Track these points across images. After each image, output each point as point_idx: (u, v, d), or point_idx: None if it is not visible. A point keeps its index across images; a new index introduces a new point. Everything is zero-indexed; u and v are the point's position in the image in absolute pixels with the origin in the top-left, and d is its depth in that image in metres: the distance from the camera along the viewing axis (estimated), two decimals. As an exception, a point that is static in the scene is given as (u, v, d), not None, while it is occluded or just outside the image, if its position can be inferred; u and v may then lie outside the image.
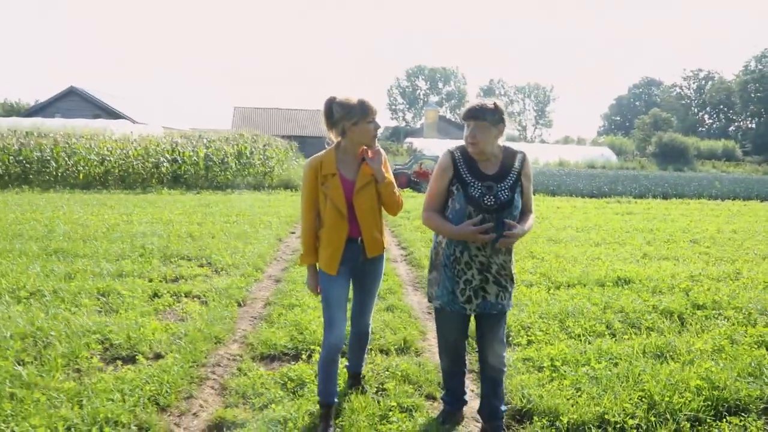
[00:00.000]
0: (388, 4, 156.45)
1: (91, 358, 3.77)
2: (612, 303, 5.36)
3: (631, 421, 3.12)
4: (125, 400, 3.15)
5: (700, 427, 3.15)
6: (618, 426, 3.09)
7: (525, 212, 2.99)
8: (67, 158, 18.20)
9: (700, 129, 78.70)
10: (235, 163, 19.28)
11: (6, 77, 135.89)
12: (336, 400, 3.08)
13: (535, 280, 6.32)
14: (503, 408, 3.14)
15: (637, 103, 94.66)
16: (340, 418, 3.10)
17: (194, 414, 3.25)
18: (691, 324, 4.96)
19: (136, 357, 3.84)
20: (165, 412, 3.20)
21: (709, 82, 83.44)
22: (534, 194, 10.10)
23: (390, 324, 4.61)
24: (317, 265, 3.12)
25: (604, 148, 55.50)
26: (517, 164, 2.93)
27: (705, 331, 4.80)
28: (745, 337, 4.58)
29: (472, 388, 3.62)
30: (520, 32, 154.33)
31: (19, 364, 3.56)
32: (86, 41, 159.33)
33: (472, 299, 2.90)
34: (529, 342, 4.35)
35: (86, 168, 18.11)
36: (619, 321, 4.89)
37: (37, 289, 5.27)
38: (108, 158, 18.40)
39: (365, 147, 3.00)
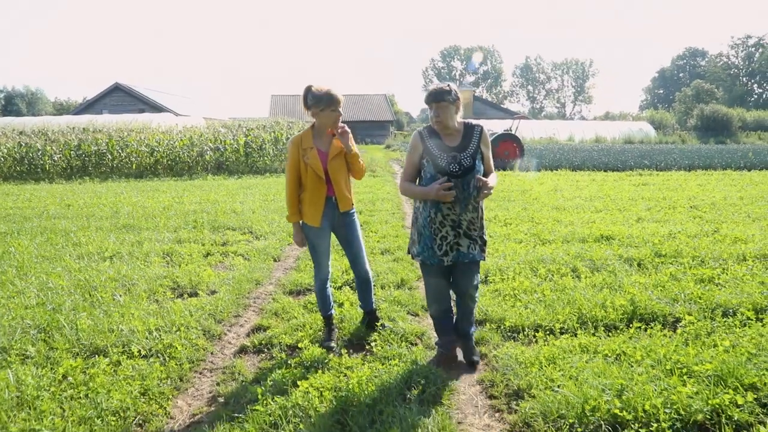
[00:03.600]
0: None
1: (165, 293, 5.08)
2: (584, 254, 6.35)
3: (558, 326, 4.19)
4: (192, 315, 4.42)
5: (612, 331, 4.19)
6: (547, 328, 4.17)
7: (488, 172, 3.60)
8: (120, 150, 19.94)
9: (749, 99, 76.28)
10: (273, 149, 20.66)
11: (53, 76, 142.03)
12: (333, 312, 4.11)
13: (525, 238, 7.35)
14: (472, 329, 3.83)
15: (681, 75, 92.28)
16: (344, 322, 4.29)
17: (240, 325, 4.52)
18: (647, 268, 5.93)
19: (198, 292, 5.13)
20: (220, 323, 4.46)
21: (759, 50, 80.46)
22: (556, 170, 11.33)
23: (393, 269, 5.77)
24: (301, 221, 3.89)
25: (643, 123, 54.82)
26: (476, 136, 3.50)
27: (657, 272, 5.76)
28: (688, 276, 5.53)
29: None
30: (556, 5, 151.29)
31: (115, 298, 4.88)
32: (123, 35, 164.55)
33: (448, 253, 3.48)
34: (502, 280, 5.43)
35: (138, 159, 19.82)
36: (585, 266, 5.88)
37: (116, 252, 6.64)
38: (157, 149, 20.06)
39: (337, 128, 3.73)
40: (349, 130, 3.79)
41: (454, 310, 3.91)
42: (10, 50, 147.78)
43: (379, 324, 4.16)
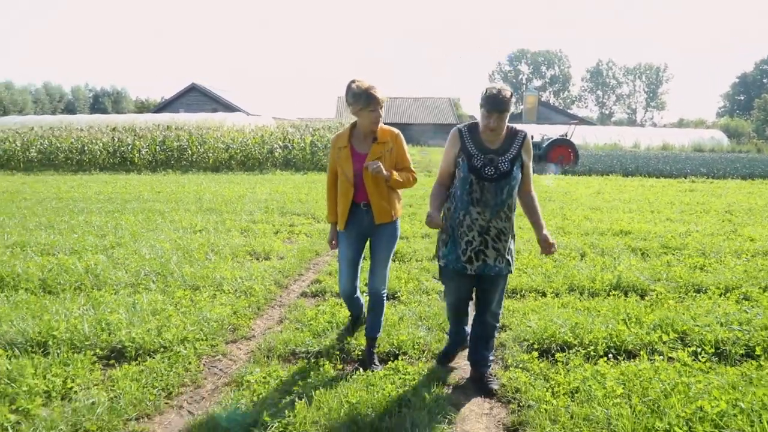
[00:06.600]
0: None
1: (245, 256, 6.48)
2: (597, 243, 7.28)
3: (550, 290, 5.24)
4: (266, 271, 5.77)
5: (594, 297, 5.18)
6: (540, 291, 5.23)
7: (526, 183, 3.35)
8: (199, 146, 21.99)
9: None
10: (336, 148, 22.16)
11: (135, 77, 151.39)
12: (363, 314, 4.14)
13: (550, 230, 8.28)
14: (491, 357, 3.57)
15: (765, 81, 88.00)
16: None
17: (302, 281, 5.83)
18: (649, 257, 6.80)
19: (270, 257, 6.51)
20: (287, 278, 5.79)
21: None
22: (609, 174, 11.99)
23: (429, 248, 6.94)
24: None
25: (715, 131, 53.06)
26: (518, 141, 3.28)
27: (657, 260, 6.62)
28: (682, 264, 6.38)
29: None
30: (632, 7, 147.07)
31: (207, 257, 6.30)
32: (198, 37, 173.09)
33: (473, 260, 3.29)
34: (516, 259, 6.48)
35: (215, 154, 21.80)
36: (593, 252, 6.84)
37: (204, 227, 8.14)
38: (231, 146, 22.00)
39: (366, 164, 3.41)
40: (382, 170, 3.38)
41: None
42: (98, 52, 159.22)
43: (367, 370, 3.57)
